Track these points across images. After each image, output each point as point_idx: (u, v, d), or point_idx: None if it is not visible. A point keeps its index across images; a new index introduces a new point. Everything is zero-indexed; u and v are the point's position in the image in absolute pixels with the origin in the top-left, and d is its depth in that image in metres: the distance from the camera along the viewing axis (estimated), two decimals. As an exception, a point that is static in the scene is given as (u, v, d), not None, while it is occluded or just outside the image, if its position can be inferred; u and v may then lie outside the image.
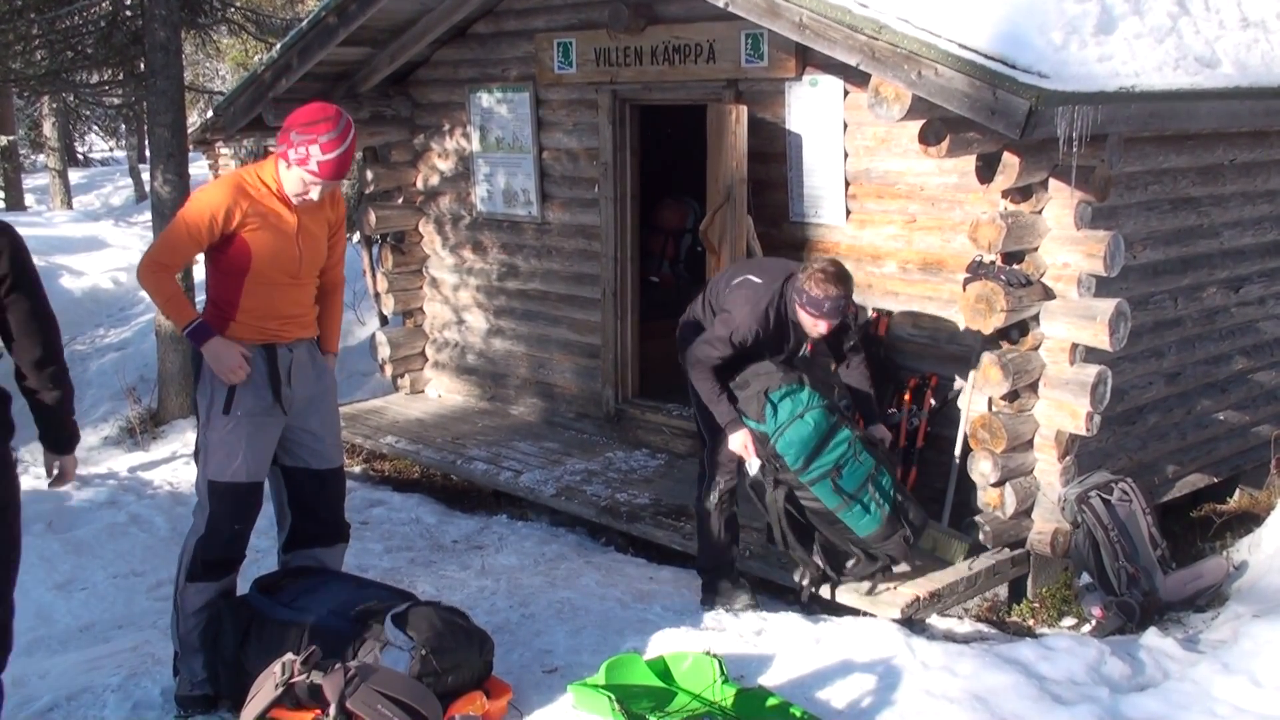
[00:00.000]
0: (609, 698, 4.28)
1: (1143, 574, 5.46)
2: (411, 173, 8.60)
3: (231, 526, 4.57)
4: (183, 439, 8.22)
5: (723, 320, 5.22)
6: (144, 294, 12.65)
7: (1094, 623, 5.32)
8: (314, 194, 4.42)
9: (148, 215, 12.71)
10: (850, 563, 5.35)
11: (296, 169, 4.35)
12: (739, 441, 5.18)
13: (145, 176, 16.93)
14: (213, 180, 4.50)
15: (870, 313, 6.19)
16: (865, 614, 5.22)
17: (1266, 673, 4.24)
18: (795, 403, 5.16)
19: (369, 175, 8.46)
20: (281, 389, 4.58)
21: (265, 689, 3.09)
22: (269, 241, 4.43)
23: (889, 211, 6.13)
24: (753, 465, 5.19)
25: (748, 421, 5.19)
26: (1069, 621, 5.45)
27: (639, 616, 5.13)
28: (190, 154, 9.67)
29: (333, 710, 2.96)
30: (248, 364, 4.43)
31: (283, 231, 4.46)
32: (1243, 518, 6.45)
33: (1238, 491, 7.02)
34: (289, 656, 3.10)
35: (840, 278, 5.06)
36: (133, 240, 15.50)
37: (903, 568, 5.37)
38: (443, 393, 8.84)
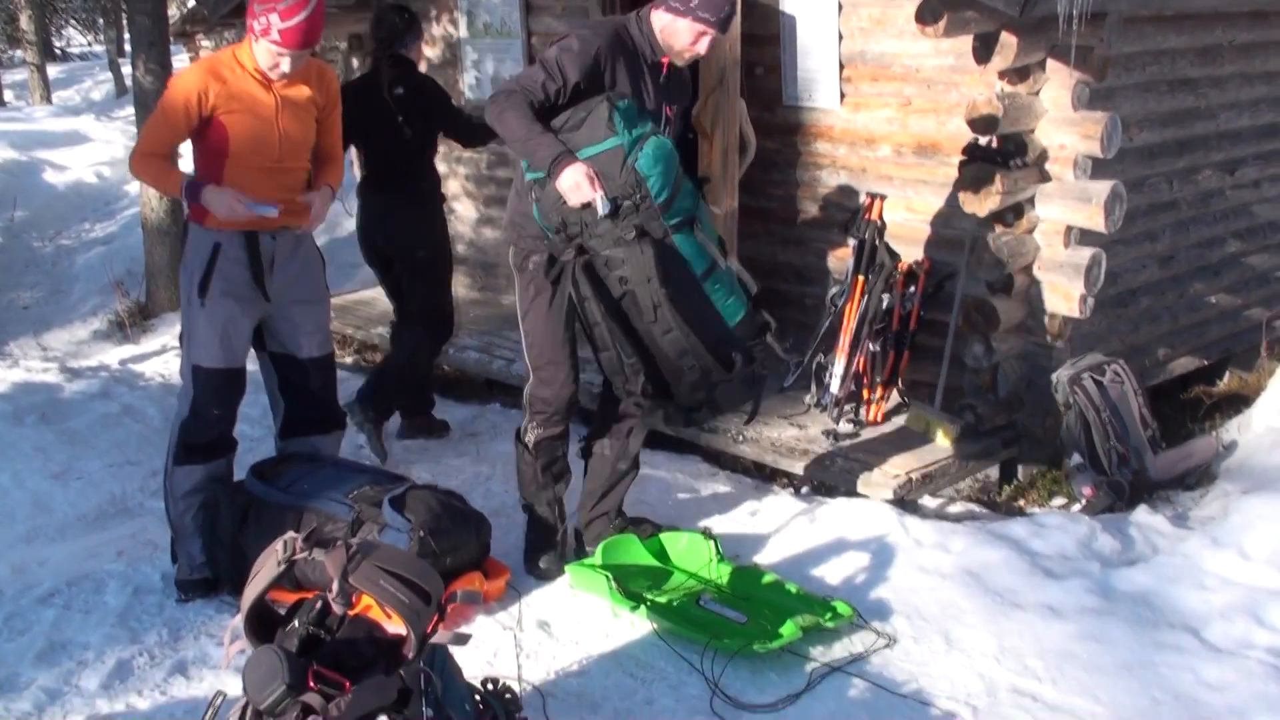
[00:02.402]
0: (606, 577, 4.34)
1: (1133, 454, 5.50)
2: (398, 60, 8.44)
3: (212, 410, 4.59)
4: (172, 331, 8.16)
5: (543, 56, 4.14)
6: (129, 188, 12.58)
7: (1084, 502, 5.38)
8: (285, 65, 4.34)
9: (129, 109, 12.55)
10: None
11: (262, 41, 4.29)
12: (576, 175, 3.92)
13: (125, 70, 16.66)
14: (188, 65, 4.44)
15: (864, 197, 6.14)
16: (858, 495, 5.27)
17: (1254, 546, 4.32)
18: (644, 121, 4.10)
19: (354, 63, 8.31)
20: (264, 276, 4.55)
21: (267, 567, 3.10)
22: (247, 124, 4.37)
23: (884, 94, 6.05)
24: (601, 203, 3.95)
25: (588, 151, 3.99)
26: (1059, 501, 5.50)
27: (634, 498, 5.16)
28: (172, 48, 9.46)
29: (335, 585, 2.97)
30: (241, 202, 4.38)
31: (260, 114, 4.40)
32: (1232, 399, 6.49)
33: (1228, 374, 7.06)
34: (290, 535, 3.11)
35: None
36: (115, 134, 15.29)
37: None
38: (433, 284, 8.78)
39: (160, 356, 7.83)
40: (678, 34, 4.18)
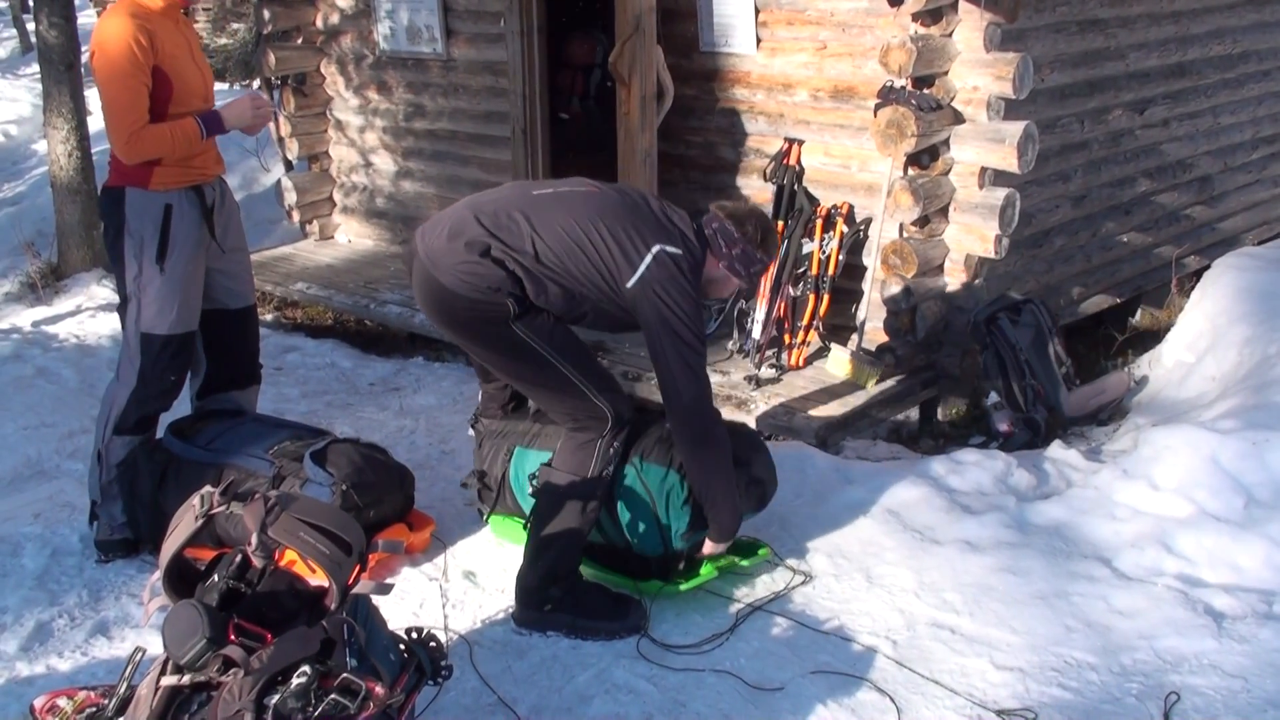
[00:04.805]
0: (524, 524, 4.34)
1: (1048, 391, 5.61)
2: (310, 11, 8.30)
3: (168, 378, 4.48)
4: (86, 292, 8.01)
5: (682, 326, 3.69)
6: (37, 147, 12.26)
7: (1001, 439, 5.48)
8: None
9: (35, 66, 12.17)
10: None
11: None
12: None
13: (30, 26, 16.18)
14: (98, 22, 4.28)
15: (782, 142, 6.17)
16: (781, 439, 5.32)
17: (1163, 477, 4.42)
18: None
19: (266, 15, 8.14)
20: (215, 227, 4.47)
21: (185, 521, 3.06)
22: (180, 66, 4.26)
23: (800, 39, 6.06)
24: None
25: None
26: (977, 439, 5.60)
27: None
28: (77, 1, 9.18)
29: (254, 539, 2.95)
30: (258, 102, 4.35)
31: (184, 54, 4.30)
32: (1144, 336, 6.63)
33: (1140, 311, 7.21)
34: (208, 489, 3.08)
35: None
36: (21, 92, 14.85)
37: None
38: (352, 237, 8.71)
39: (74, 317, 7.67)
40: (714, 286, 3.95)
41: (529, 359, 3.84)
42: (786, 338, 5.93)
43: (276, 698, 2.65)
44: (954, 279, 5.76)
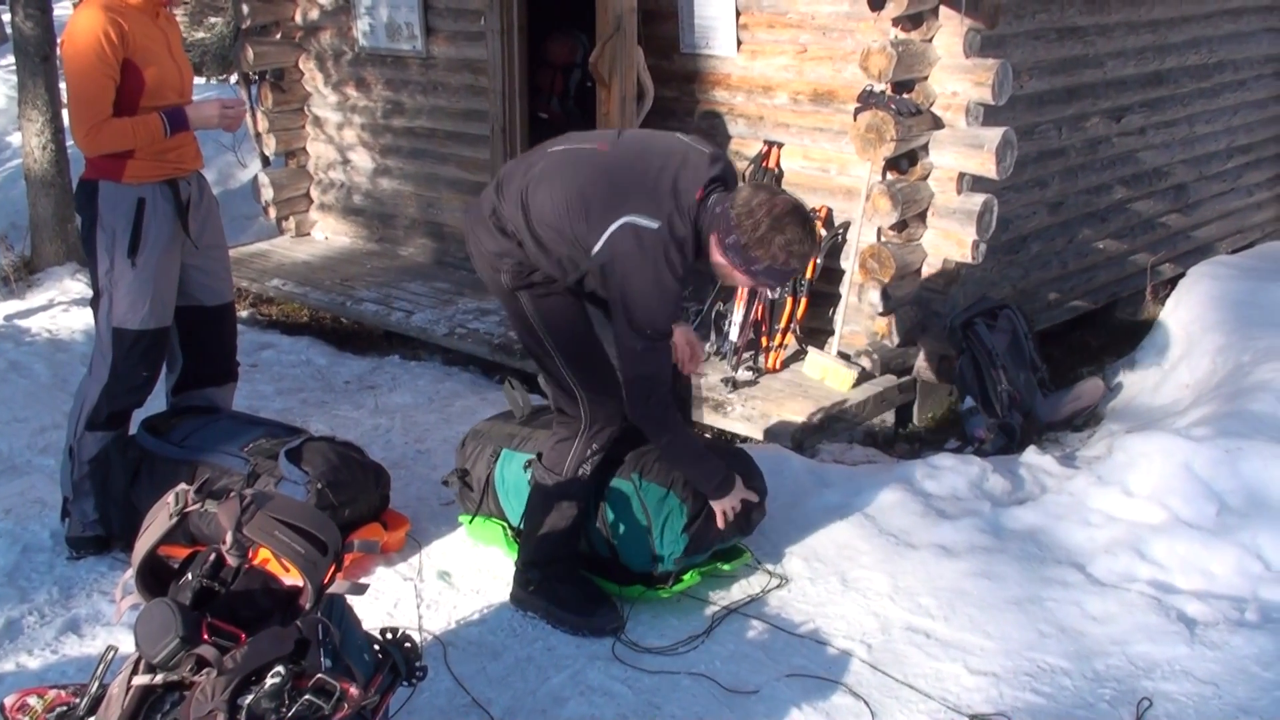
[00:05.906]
0: (502, 527, 4.36)
1: (1023, 397, 5.63)
2: (289, 6, 8.26)
3: (140, 374, 4.43)
4: (60, 286, 7.94)
5: (633, 305, 3.53)
6: (11, 139, 12.15)
7: (977, 444, 5.50)
8: None
9: (10, 58, 12.08)
10: None
11: None
12: (736, 497, 3.96)
13: (5, 17, 16.07)
14: (71, 16, 4.24)
15: (761, 145, 6.17)
16: (757, 442, 5.33)
17: (1137, 483, 4.45)
18: None
19: (244, 9, 8.09)
20: (190, 222, 4.44)
21: (159, 519, 3.04)
22: (154, 58, 4.22)
23: (780, 41, 6.07)
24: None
25: None
26: (953, 444, 5.62)
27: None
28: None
29: (229, 537, 2.93)
30: (228, 104, 4.32)
31: (161, 50, 4.26)
32: (1119, 342, 6.66)
33: (1115, 317, 7.24)
34: (182, 486, 3.06)
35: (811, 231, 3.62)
36: (-5, 84, 14.75)
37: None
38: (329, 235, 8.67)
39: (47, 312, 7.61)
40: (719, 273, 3.68)
41: (529, 334, 3.92)
42: (764, 340, 5.93)
43: (250, 698, 2.63)
44: (931, 284, 5.77)
